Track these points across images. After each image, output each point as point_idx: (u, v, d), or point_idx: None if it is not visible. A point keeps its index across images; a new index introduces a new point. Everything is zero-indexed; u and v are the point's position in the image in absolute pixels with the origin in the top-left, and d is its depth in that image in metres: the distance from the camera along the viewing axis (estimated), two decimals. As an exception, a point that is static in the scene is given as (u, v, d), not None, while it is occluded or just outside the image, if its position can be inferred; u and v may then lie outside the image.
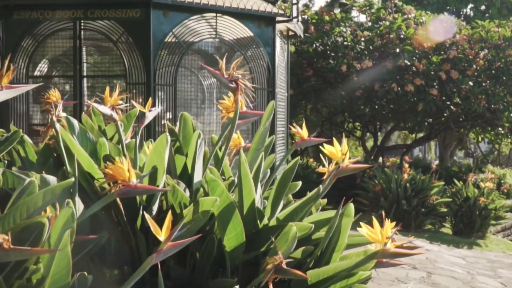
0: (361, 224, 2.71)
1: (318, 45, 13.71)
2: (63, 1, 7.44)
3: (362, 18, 15.45)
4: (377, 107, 14.18)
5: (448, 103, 13.58)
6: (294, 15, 8.36)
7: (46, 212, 2.44)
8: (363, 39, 13.58)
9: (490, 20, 14.99)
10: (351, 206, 3.05)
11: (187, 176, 3.14)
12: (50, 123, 2.97)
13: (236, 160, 3.54)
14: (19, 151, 3.74)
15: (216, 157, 3.41)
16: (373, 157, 15.60)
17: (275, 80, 8.25)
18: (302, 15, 13.29)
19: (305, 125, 3.42)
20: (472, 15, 22.64)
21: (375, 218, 2.75)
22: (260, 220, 2.98)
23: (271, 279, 2.51)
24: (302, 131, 3.36)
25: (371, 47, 13.53)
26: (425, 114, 13.51)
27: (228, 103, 3.27)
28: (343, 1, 14.38)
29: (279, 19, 8.28)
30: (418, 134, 17.09)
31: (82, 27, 7.56)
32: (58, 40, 7.90)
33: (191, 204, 2.83)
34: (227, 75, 2.97)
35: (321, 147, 2.97)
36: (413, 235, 9.48)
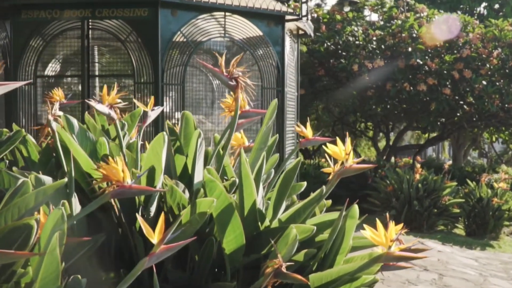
0: (365, 226, 2.63)
1: (329, 45, 13.62)
2: (71, 0, 7.40)
3: (374, 17, 15.31)
4: (389, 106, 14.07)
5: (461, 102, 13.44)
6: (303, 13, 8.26)
7: (40, 213, 2.38)
8: (375, 38, 13.47)
9: (503, 18, 14.82)
10: (356, 207, 2.96)
11: (188, 176, 3.07)
12: (46, 122, 2.91)
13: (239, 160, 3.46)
14: (22, 151, 3.70)
15: (218, 157, 3.33)
16: (385, 157, 15.48)
17: (284, 79, 8.17)
18: (311, 13, 13.19)
19: (310, 125, 3.34)
20: (485, 13, 22.42)
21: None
22: (261, 222, 2.90)
23: (270, 283, 2.43)
24: (306, 131, 3.29)
25: (383, 46, 13.41)
26: (437, 113, 13.37)
27: (230, 101, 3.20)
28: (353, 0, 14.27)
29: (288, 17, 8.19)
30: (431, 134, 16.95)
31: (90, 27, 7.52)
32: (66, 39, 7.86)
33: (189, 205, 2.75)
34: (226, 72, 2.89)
35: (324, 147, 2.89)
36: (425, 236, 9.41)
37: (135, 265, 2.99)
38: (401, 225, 2.68)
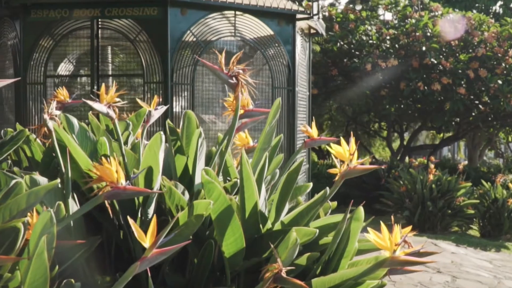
0: (369, 229, 2.53)
1: (342, 44, 13.51)
2: (80, -1, 7.38)
3: (388, 16, 15.20)
4: (403, 106, 13.94)
5: (476, 102, 13.28)
6: (314, 12, 8.16)
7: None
8: (389, 37, 13.35)
9: (519, 17, 14.65)
10: (361, 209, 2.86)
11: (188, 177, 2.99)
12: (42, 121, 2.85)
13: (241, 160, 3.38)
14: (26, 151, 3.66)
15: (221, 157, 3.26)
16: (399, 157, 15.35)
17: (295, 78, 8.08)
18: (323, 12, 13.09)
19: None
20: (501, 12, 22.19)
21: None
22: (263, 224, 2.81)
23: (270, 288, 2.34)
24: (311, 130, 3.21)
25: (396, 46, 13.29)
26: (452, 113, 13.20)
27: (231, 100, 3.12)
28: (366, -2, 14.18)
29: (299, 16, 8.10)
30: (445, 134, 16.78)
31: (99, 26, 7.49)
32: (76, 39, 7.84)
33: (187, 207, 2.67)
34: (226, 70, 2.81)
35: (327, 147, 2.80)
36: (439, 238, 9.28)
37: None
38: (409, 228, 2.59)
